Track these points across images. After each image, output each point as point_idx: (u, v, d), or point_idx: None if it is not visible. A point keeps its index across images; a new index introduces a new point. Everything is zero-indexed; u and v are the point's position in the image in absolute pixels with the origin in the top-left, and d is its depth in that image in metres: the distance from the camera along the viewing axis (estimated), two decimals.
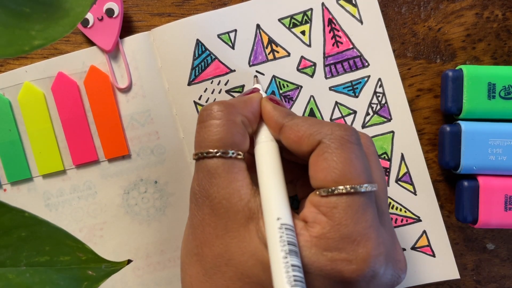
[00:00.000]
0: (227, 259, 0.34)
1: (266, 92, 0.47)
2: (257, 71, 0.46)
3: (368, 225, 0.33)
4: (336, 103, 0.47)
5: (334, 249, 0.32)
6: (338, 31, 0.47)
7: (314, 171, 0.34)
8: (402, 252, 0.37)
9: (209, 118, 0.36)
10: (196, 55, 0.46)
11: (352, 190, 0.32)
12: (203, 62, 0.46)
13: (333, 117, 0.47)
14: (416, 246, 0.47)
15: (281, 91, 0.47)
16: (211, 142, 0.36)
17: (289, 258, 0.31)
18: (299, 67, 0.47)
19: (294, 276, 0.30)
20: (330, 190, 0.33)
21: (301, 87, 0.47)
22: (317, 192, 0.34)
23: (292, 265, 0.31)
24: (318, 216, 0.33)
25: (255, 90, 0.43)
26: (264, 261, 0.33)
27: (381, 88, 0.47)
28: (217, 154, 0.35)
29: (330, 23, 0.47)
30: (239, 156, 0.36)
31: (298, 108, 0.47)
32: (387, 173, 0.47)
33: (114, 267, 0.31)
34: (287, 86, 0.47)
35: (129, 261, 0.31)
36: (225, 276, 0.35)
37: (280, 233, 0.32)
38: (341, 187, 0.32)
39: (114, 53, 0.47)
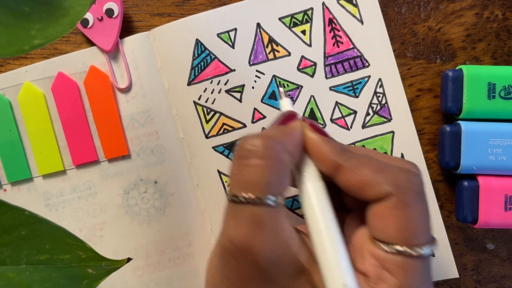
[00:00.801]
0: None
1: (266, 93, 0.47)
2: (257, 71, 0.46)
3: (430, 287, 0.32)
4: (337, 103, 0.47)
5: None
6: (339, 31, 0.47)
7: (380, 224, 0.32)
8: None
9: (253, 155, 0.32)
10: (196, 55, 0.46)
11: (423, 253, 0.31)
12: (202, 61, 0.46)
13: (333, 117, 0.47)
14: None
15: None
16: (255, 185, 0.31)
17: None
18: (300, 67, 0.47)
19: None
20: (399, 249, 0.31)
21: (302, 87, 0.47)
22: (382, 246, 0.32)
23: None
24: (383, 273, 0.31)
25: (292, 115, 0.37)
26: None
27: (381, 88, 0.47)
28: (264, 201, 0.31)
29: (331, 23, 0.47)
30: (283, 202, 0.33)
31: (299, 108, 0.47)
32: None
33: (114, 265, 0.31)
34: (288, 85, 0.47)
35: (128, 259, 0.31)
36: None
37: None
38: (408, 248, 0.31)
39: (114, 53, 0.47)
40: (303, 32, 0.47)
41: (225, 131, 0.47)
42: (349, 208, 0.38)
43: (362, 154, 0.34)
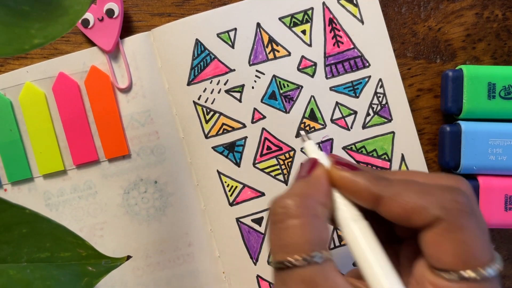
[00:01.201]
0: None
1: (266, 93, 0.47)
2: (257, 71, 0.46)
3: None
4: (337, 103, 0.47)
5: None
6: (339, 30, 0.47)
7: (436, 252, 0.30)
8: None
9: (288, 217, 0.31)
10: (196, 55, 0.46)
11: (487, 274, 0.29)
12: (202, 61, 0.46)
13: (333, 117, 0.47)
14: None
15: (281, 91, 0.47)
16: (297, 246, 0.30)
17: None
18: (300, 67, 0.47)
19: None
20: (460, 275, 0.29)
21: (302, 87, 0.47)
22: (443, 275, 0.30)
23: None
24: None
25: (313, 162, 0.35)
26: None
27: (381, 88, 0.47)
28: (309, 261, 0.30)
29: (331, 23, 0.47)
30: (330, 257, 0.31)
31: (299, 108, 0.47)
32: None
33: (113, 263, 0.31)
34: (288, 86, 0.47)
35: (128, 257, 0.31)
36: None
37: None
38: (472, 273, 0.29)
39: (114, 53, 0.47)
40: (303, 32, 0.47)
41: (225, 131, 0.47)
42: (402, 237, 0.36)
43: (400, 179, 0.33)
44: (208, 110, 0.47)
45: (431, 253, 0.31)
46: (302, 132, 0.39)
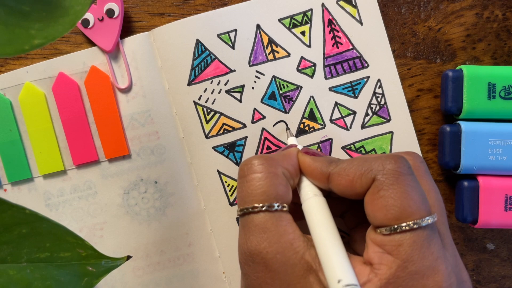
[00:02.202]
0: None
1: (266, 94, 0.47)
2: (257, 71, 0.47)
3: (434, 257, 0.32)
4: (336, 103, 0.47)
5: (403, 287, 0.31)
6: (338, 31, 0.47)
7: (372, 210, 0.33)
8: (466, 270, 0.36)
9: (250, 172, 0.36)
10: (196, 55, 0.46)
11: (415, 226, 0.32)
12: (202, 62, 0.46)
13: (332, 118, 0.47)
14: None
15: (281, 91, 0.47)
16: (255, 196, 0.35)
17: None
18: (299, 68, 0.47)
19: None
20: (392, 228, 0.32)
21: (301, 87, 0.47)
22: (378, 231, 0.33)
23: None
24: (384, 256, 0.32)
25: (291, 145, 0.43)
26: None
27: (380, 89, 0.47)
28: (263, 208, 0.35)
29: (330, 24, 0.47)
30: (285, 209, 0.36)
31: (298, 108, 0.47)
32: None
33: (113, 263, 0.31)
34: (287, 86, 0.47)
35: (128, 257, 0.31)
36: None
37: None
38: (403, 224, 0.32)
39: (114, 53, 0.47)
40: (303, 33, 0.47)
41: (225, 131, 0.47)
42: None
43: (348, 159, 0.37)
44: (209, 110, 0.47)
45: (368, 212, 0.34)
46: (288, 132, 0.47)
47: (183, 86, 0.47)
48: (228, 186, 0.47)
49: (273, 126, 0.47)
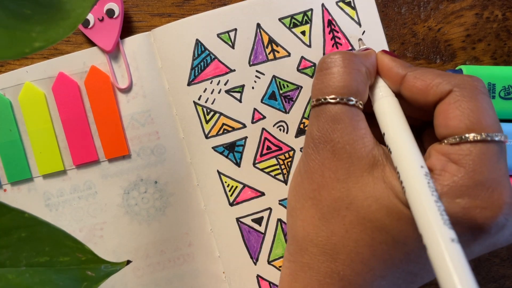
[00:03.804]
0: (348, 202, 0.35)
1: (266, 93, 0.47)
2: (257, 71, 0.46)
3: (502, 173, 0.33)
4: None
5: (467, 196, 0.32)
6: (338, 32, 0.47)
7: (445, 119, 0.34)
8: None
9: (334, 65, 0.37)
10: (196, 55, 0.46)
11: (488, 138, 0.32)
12: (202, 62, 0.46)
13: None
14: None
15: (281, 91, 0.47)
16: (335, 88, 0.36)
17: (440, 203, 0.31)
18: (299, 67, 0.47)
19: (447, 219, 0.30)
20: (463, 137, 0.32)
21: (301, 87, 0.47)
22: (446, 141, 0.34)
23: (444, 210, 0.31)
24: (448, 164, 0.33)
25: (366, 48, 0.42)
26: (390, 206, 0.33)
27: None
28: (342, 101, 0.36)
29: (330, 24, 0.47)
30: (361, 105, 0.36)
31: (298, 108, 0.47)
32: None
33: (113, 267, 0.31)
34: (287, 86, 0.47)
35: (128, 262, 0.31)
36: (344, 219, 0.35)
37: (427, 179, 0.32)
38: (474, 135, 0.32)
39: (114, 53, 0.47)
40: (303, 33, 0.47)
41: (225, 131, 0.47)
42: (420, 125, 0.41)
43: (425, 67, 0.38)
44: (208, 110, 0.47)
45: (439, 122, 0.34)
46: (361, 41, 0.47)
47: (183, 86, 0.47)
48: (228, 186, 0.47)
49: None
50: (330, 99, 0.36)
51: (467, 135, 0.32)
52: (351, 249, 0.35)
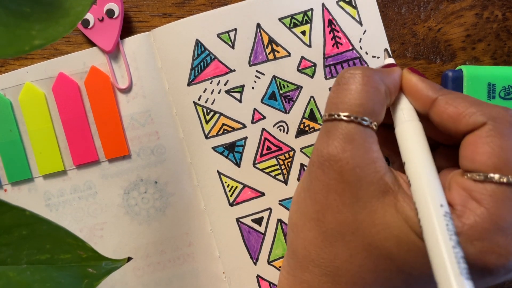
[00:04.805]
0: (354, 228, 0.33)
1: (266, 94, 0.47)
2: (257, 71, 0.47)
3: None
4: None
5: (486, 240, 0.31)
6: (338, 32, 0.47)
7: (472, 152, 0.32)
8: None
9: (352, 81, 0.35)
10: (196, 55, 0.46)
11: None
12: (202, 62, 0.46)
13: None
14: None
15: (281, 91, 0.47)
16: (350, 106, 0.34)
17: (458, 249, 0.30)
18: (299, 67, 0.47)
19: (465, 268, 0.29)
20: (488, 176, 0.31)
21: (301, 87, 0.47)
22: (469, 175, 0.32)
23: (462, 257, 0.29)
24: (469, 202, 0.31)
25: (393, 64, 0.40)
26: (401, 236, 0.32)
27: None
28: (355, 120, 0.34)
29: (330, 24, 0.47)
30: (375, 127, 0.35)
31: (298, 108, 0.47)
32: None
33: (114, 264, 0.31)
34: (287, 86, 0.47)
35: (129, 259, 0.31)
36: (349, 244, 0.34)
37: (446, 221, 0.30)
38: (500, 176, 0.31)
39: (114, 53, 0.47)
40: (303, 32, 0.47)
41: (225, 131, 0.47)
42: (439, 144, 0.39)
43: (459, 92, 0.35)
44: (208, 111, 0.47)
45: (467, 155, 0.33)
46: (385, 53, 0.42)
47: (183, 86, 0.47)
48: (228, 186, 0.47)
49: None
50: (344, 116, 0.34)
51: (492, 175, 0.31)
52: (354, 273, 0.34)
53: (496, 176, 0.31)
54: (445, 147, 0.38)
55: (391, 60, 0.41)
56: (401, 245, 0.32)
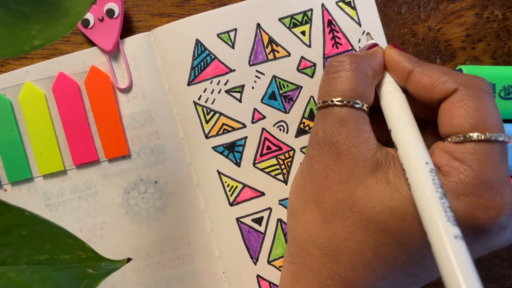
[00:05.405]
0: (351, 204, 0.35)
1: (266, 93, 0.47)
2: (257, 71, 0.47)
3: (505, 173, 0.33)
4: None
5: (472, 195, 0.32)
6: (338, 32, 0.47)
7: (449, 117, 0.34)
8: None
9: (341, 68, 0.37)
10: (196, 55, 0.46)
11: (492, 138, 0.32)
12: (202, 62, 0.46)
13: None
14: None
15: (281, 91, 0.47)
16: (342, 91, 0.36)
17: (444, 200, 0.31)
18: (299, 67, 0.47)
19: (452, 216, 0.31)
20: (467, 136, 0.33)
21: (301, 87, 0.47)
22: (449, 139, 0.34)
23: (448, 207, 0.31)
24: (452, 162, 0.33)
25: (375, 44, 0.42)
26: (394, 206, 0.33)
27: None
28: (348, 104, 0.36)
29: (330, 24, 0.47)
30: (366, 109, 0.37)
31: (298, 108, 0.47)
32: None
33: (113, 265, 0.31)
34: (287, 86, 0.47)
35: (128, 260, 0.31)
36: (347, 221, 0.35)
37: (432, 176, 0.32)
38: (478, 134, 0.32)
39: (114, 53, 0.47)
40: (303, 33, 0.47)
41: (225, 131, 0.47)
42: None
43: (433, 64, 0.38)
44: (208, 110, 0.47)
45: (444, 120, 0.35)
46: (368, 35, 0.46)
47: (183, 86, 0.47)
48: (228, 186, 0.47)
49: None
50: (337, 101, 0.36)
51: (471, 134, 0.33)
52: (354, 250, 0.35)
53: (475, 135, 0.33)
54: (432, 126, 0.40)
55: (373, 41, 0.43)
56: (396, 214, 0.33)
